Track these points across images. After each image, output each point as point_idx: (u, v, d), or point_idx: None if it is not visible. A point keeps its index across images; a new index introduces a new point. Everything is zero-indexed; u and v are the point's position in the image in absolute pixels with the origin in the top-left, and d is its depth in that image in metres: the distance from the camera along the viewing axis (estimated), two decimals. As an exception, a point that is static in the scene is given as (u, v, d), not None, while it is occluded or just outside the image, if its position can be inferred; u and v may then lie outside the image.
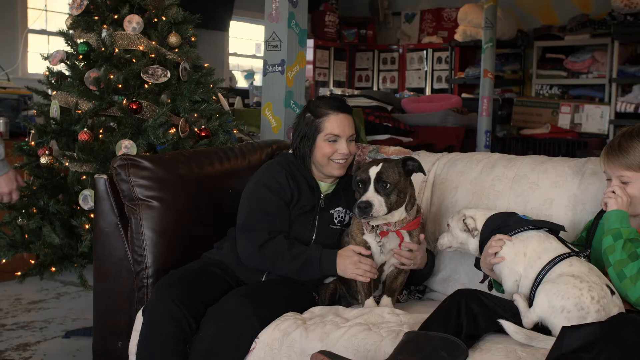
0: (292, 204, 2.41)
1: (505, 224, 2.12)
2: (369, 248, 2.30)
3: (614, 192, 2.05)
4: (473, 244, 2.20)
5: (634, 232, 1.97)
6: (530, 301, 1.97)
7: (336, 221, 2.47)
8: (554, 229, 2.11)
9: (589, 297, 1.86)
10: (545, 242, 2.05)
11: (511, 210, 2.24)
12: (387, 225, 2.28)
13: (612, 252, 1.95)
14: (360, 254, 2.26)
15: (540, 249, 2.03)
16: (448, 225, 2.26)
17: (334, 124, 2.42)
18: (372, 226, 2.29)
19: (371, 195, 2.19)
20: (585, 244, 2.15)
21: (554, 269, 1.97)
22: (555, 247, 2.03)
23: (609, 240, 1.98)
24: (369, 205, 2.17)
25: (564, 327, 1.76)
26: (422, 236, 2.32)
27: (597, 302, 1.86)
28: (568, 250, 2.03)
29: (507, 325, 1.88)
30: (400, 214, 2.27)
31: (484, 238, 2.16)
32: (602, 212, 2.13)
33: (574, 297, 1.86)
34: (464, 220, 2.19)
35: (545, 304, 1.89)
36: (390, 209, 2.22)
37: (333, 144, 2.42)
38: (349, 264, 2.25)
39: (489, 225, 2.16)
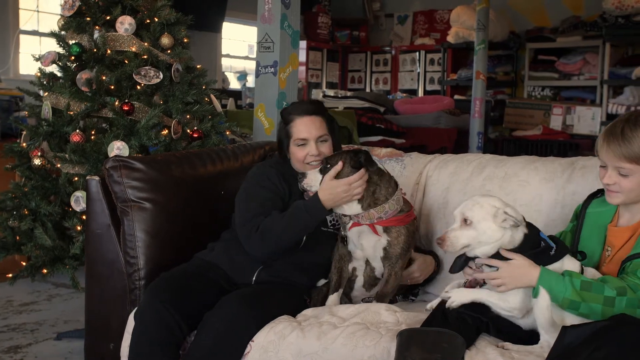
0: (284, 200, 2.42)
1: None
2: (347, 242, 2.34)
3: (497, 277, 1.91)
4: (497, 241, 1.91)
5: (568, 287, 1.85)
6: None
7: (330, 224, 2.46)
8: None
9: None
10: (571, 264, 1.96)
11: None
12: (357, 217, 2.29)
13: (599, 311, 1.83)
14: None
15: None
16: (466, 220, 1.93)
17: (300, 126, 2.44)
18: (348, 219, 2.31)
19: (312, 171, 2.33)
20: (574, 233, 2.12)
21: None
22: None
23: (576, 310, 1.85)
24: (303, 175, 2.32)
25: (564, 327, 1.78)
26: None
27: None
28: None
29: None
30: (351, 207, 2.28)
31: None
32: (589, 199, 2.10)
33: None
34: (505, 212, 1.90)
35: None
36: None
37: (303, 148, 2.45)
38: (332, 192, 2.24)
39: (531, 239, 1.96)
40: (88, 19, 3.14)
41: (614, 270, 1.97)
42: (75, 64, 3.14)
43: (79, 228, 3.00)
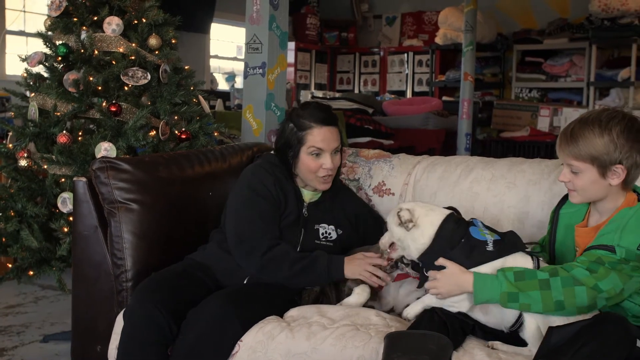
0: (280, 211, 2.38)
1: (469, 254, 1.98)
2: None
3: (433, 282, 1.97)
4: (412, 241, 2.04)
5: (503, 284, 1.86)
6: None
7: (322, 237, 2.42)
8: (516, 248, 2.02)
9: None
10: (521, 261, 1.97)
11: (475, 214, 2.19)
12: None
13: (540, 301, 1.85)
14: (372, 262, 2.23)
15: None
16: (386, 222, 2.16)
17: (318, 137, 2.36)
18: (398, 267, 2.27)
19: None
20: (549, 237, 2.14)
21: None
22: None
23: (516, 302, 1.86)
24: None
25: (550, 327, 1.80)
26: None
27: None
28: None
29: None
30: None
31: (438, 249, 2.01)
32: (562, 202, 2.12)
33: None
34: (398, 212, 2.06)
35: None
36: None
37: (317, 158, 2.36)
38: (359, 264, 2.21)
39: (445, 237, 2.02)
40: (75, 19, 3.13)
41: None
42: (62, 65, 3.12)
43: (65, 229, 2.98)
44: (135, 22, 3.17)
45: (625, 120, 1.91)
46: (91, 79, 3.03)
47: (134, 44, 3.14)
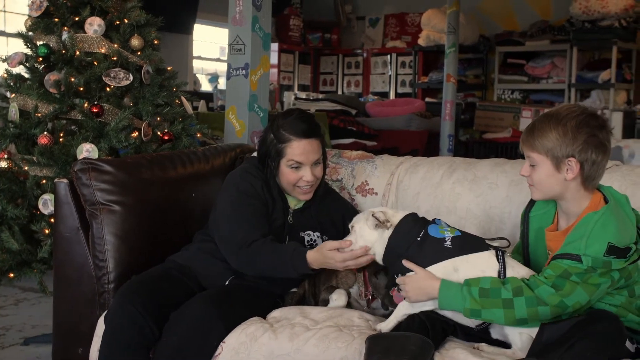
0: (269, 212, 2.37)
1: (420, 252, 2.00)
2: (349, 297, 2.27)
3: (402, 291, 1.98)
4: (381, 245, 2.05)
5: (467, 296, 1.88)
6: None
7: (307, 244, 2.40)
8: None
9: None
10: (485, 262, 1.98)
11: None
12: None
13: (508, 313, 1.85)
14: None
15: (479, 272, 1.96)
16: (351, 227, 2.14)
17: (297, 150, 2.31)
18: (369, 295, 2.25)
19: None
20: (522, 240, 2.15)
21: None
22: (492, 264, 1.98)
23: (478, 317, 1.88)
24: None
25: (542, 324, 1.82)
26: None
27: None
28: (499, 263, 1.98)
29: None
30: None
31: (397, 248, 2.03)
32: (530, 205, 2.12)
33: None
34: (373, 215, 2.06)
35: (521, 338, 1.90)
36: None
37: (296, 171, 2.33)
38: (330, 262, 2.14)
39: (402, 234, 2.05)
40: (56, 19, 3.11)
41: None
42: (43, 65, 3.10)
43: (47, 231, 2.96)
44: (117, 22, 3.15)
45: (584, 115, 1.92)
46: (73, 79, 3.01)
47: (116, 45, 3.12)
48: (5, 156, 3.03)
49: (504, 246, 2.05)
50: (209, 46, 8.78)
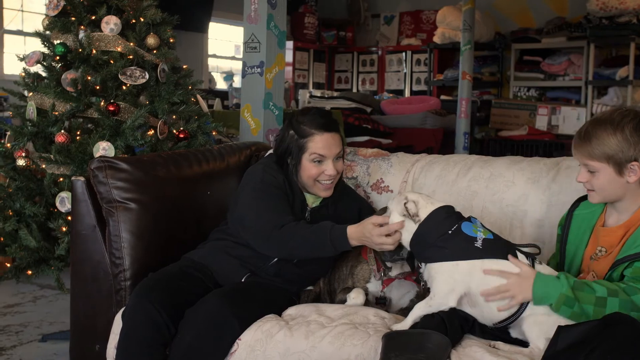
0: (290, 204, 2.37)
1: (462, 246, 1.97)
2: (367, 295, 2.26)
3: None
4: (408, 233, 2.05)
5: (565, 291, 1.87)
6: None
7: None
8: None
9: None
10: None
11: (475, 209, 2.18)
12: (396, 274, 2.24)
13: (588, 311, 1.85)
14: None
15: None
16: (386, 208, 2.14)
17: (319, 143, 2.33)
18: (382, 274, 2.25)
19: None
20: (561, 240, 2.14)
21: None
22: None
23: (570, 307, 1.87)
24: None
25: (559, 326, 1.79)
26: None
27: None
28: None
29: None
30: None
31: (428, 238, 2.01)
32: (575, 204, 2.12)
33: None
34: (405, 203, 2.05)
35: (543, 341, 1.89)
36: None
37: (319, 165, 2.34)
38: (370, 239, 2.11)
39: (433, 224, 2.02)
40: (73, 18, 3.12)
41: (602, 269, 1.98)
42: (60, 64, 3.12)
43: (64, 229, 2.98)
44: (133, 21, 3.17)
45: (638, 118, 1.93)
46: (89, 78, 3.03)
47: (132, 43, 3.13)
48: (23, 154, 3.06)
49: (535, 253, 2.04)
50: (224, 44, 8.80)
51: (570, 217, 2.11)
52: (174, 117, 3.19)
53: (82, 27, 3.11)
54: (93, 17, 3.11)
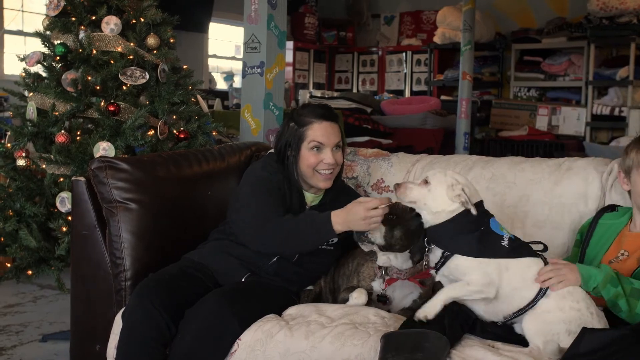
0: (285, 205, 2.38)
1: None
2: (371, 294, 2.26)
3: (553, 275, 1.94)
4: (442, 214, 1.99)
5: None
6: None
7: (324, 244, 2.37)
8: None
9: (588, 314, 1.89)
10: (535, 268, 1.98)
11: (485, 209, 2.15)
12: (398, 273, 2.24)
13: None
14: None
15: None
16: (426, 181, 2.03)
17: (318, 131, 2.37)
18: (383, 272, 2.25)
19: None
20: (581, 245, 2.16)
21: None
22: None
23: (615, 287, 1.92)
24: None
25: (584, 328, 1.79)
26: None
27: (597, 315, 1.90)
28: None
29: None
30: (404, 259, 2.21)
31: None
32: (601, 212, 2.14)
33: (576, 319, 1.88)
34: (463, 190, 1.99)
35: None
36: (390, 246, 2.15)
37: (318, 153, 2.37)
38: (355, 218, 2.11)
39: (468, 220, 1.99)
40: (73, 19, 3.13)
41: (623, 272, 2.00)
42: (60, 64, 3.12)
43: (64, 229, 2.98)
44: (134, 21, 3.17)
45: None
46: (89, 78, 3.03)
47: (132, 44, 3.13)
48: (23, 154, 3.06)
49: (542, 250, 2.05)
50: (224, 45, 8.80)
51: (594, 224, 2.15)
52: (174, 117, 3.20)
53: (82, 27, 3.11)
54: (93, 18, 3.12)
